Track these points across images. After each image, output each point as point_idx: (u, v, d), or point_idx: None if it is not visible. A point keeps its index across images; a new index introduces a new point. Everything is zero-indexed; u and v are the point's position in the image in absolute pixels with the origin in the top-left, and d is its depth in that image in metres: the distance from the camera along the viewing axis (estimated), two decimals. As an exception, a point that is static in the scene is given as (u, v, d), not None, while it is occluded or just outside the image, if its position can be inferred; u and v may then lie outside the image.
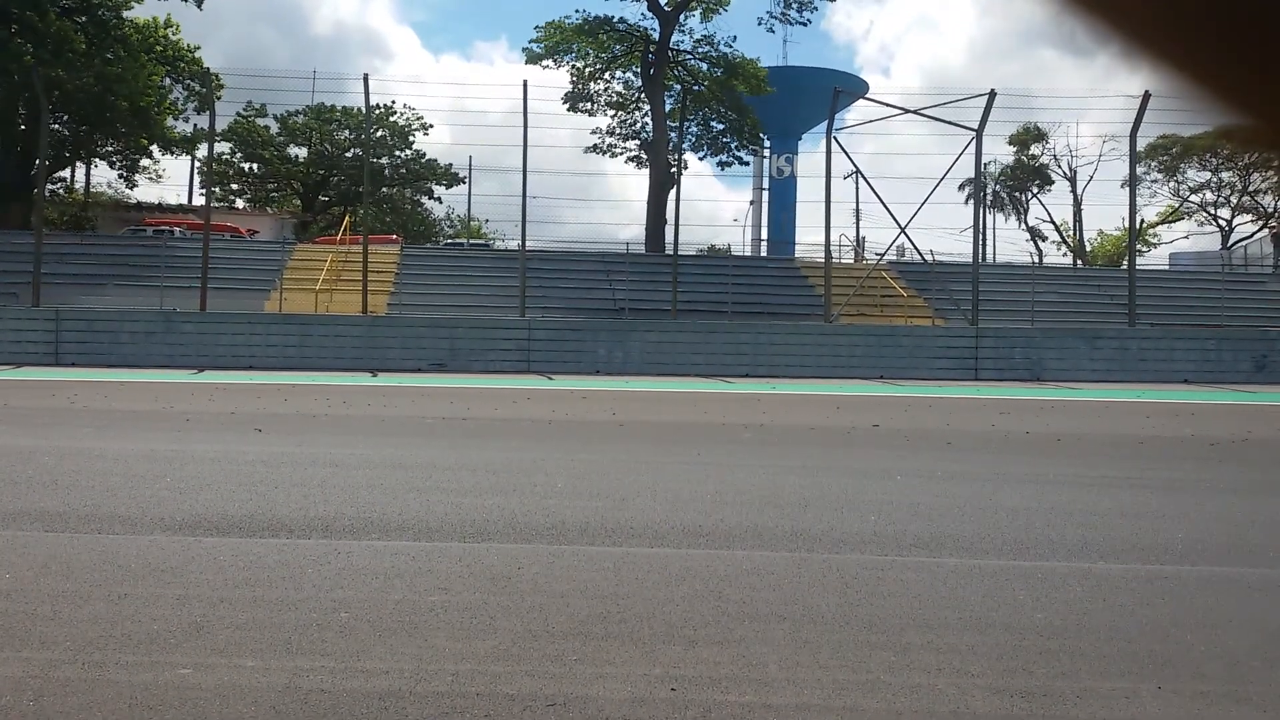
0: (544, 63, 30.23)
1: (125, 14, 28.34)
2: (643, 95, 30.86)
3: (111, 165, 33.05)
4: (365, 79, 19.95)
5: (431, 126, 39.91)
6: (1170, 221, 43.62)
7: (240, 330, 17.97)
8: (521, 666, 2.42)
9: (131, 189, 35.74)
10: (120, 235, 28.11)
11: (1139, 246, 30.42)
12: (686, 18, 30.12)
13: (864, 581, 3.32)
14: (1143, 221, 41.90)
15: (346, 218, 30.72)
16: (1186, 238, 44.29)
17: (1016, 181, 44.38)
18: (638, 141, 32.21)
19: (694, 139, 32.11)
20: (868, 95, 31.74)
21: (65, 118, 28.69)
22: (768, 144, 43.49)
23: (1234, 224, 40.91)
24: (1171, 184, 41.05)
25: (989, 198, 43.88)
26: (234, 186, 41.14)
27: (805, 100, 46.23)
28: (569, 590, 3.13)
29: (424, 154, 40.51)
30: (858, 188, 42.71)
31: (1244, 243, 39.29)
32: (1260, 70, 0.43)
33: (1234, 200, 40.29)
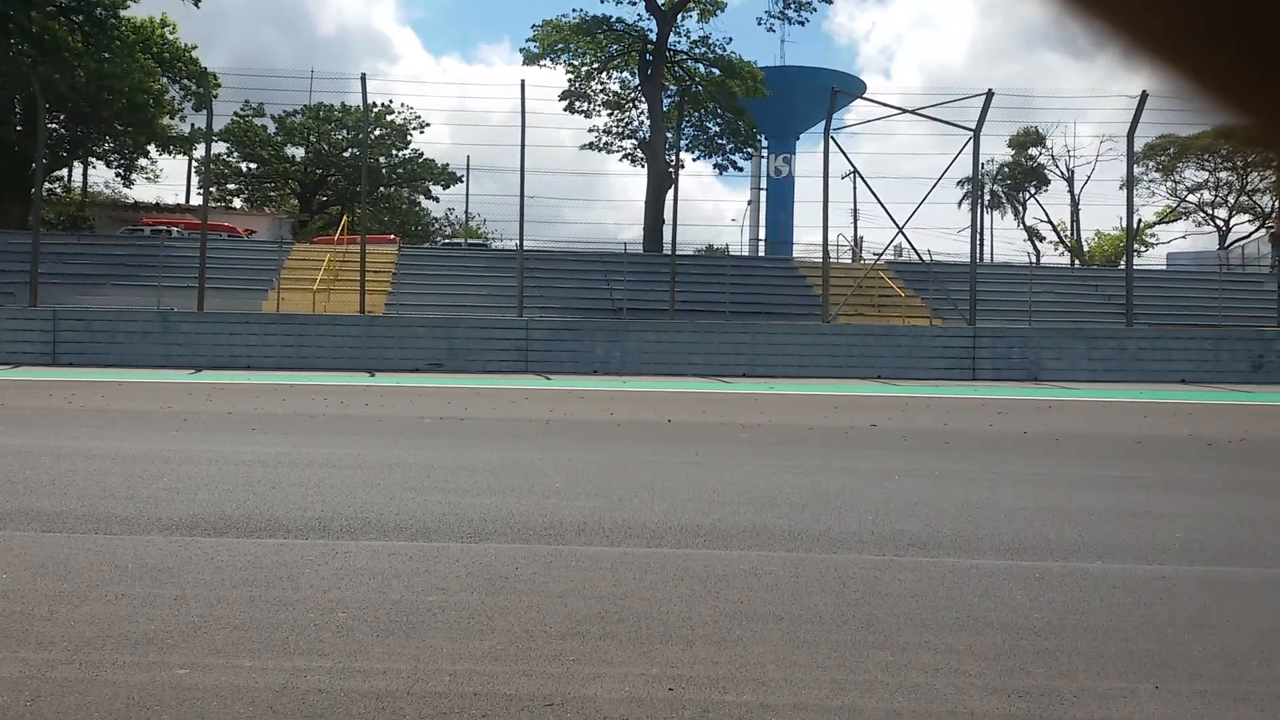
0: (542, 63, 30.23)
1: (121, 13, 28.30)
2: (640, 95, 30.87)
3: (109, 165, 33.01)
4: (363, 78, 19.95)
5: (429, 126, 39.88)
6: (1168, 221, 43.67)
7: (238, 330, 17.95)
8: (519, 667, 2.42)
9: (129, 187, 35.71)
10: (117, 235, 28.08)
11: (1136, 246, 30.45)
12: (684, 18, 30.13)
13: (861, 581, 3.32)
14: (1140, 221, 41.96)
15: (344, 217, 30.71)
16: (1184, 238, 44.36)
17: (1014, 181, 44.44)
18: (634, 141, 32.22)
19: (689, 140, 32.12)
20: (865, 95, 31.80)
21: (62, 117, 28.65)
22: (765, 144, 43.52)
23: (1231, 224, 40.98)
24: (1169, 184, 41.12)
25: (987, 198, 43.93)
26: (231, 186, 41.11)
27: (803, 100, 46.23)
28: (567, 590, 3.13)
29: (421, 154, 40.49)
30: (855, 188, 42.72)
31: (1241, 243, 39.35)
32: (1260, 70, 0.43)
33: (1231, 200, 40.36)
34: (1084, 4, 0.45)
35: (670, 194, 23.82)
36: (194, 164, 28.07)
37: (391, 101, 39.08)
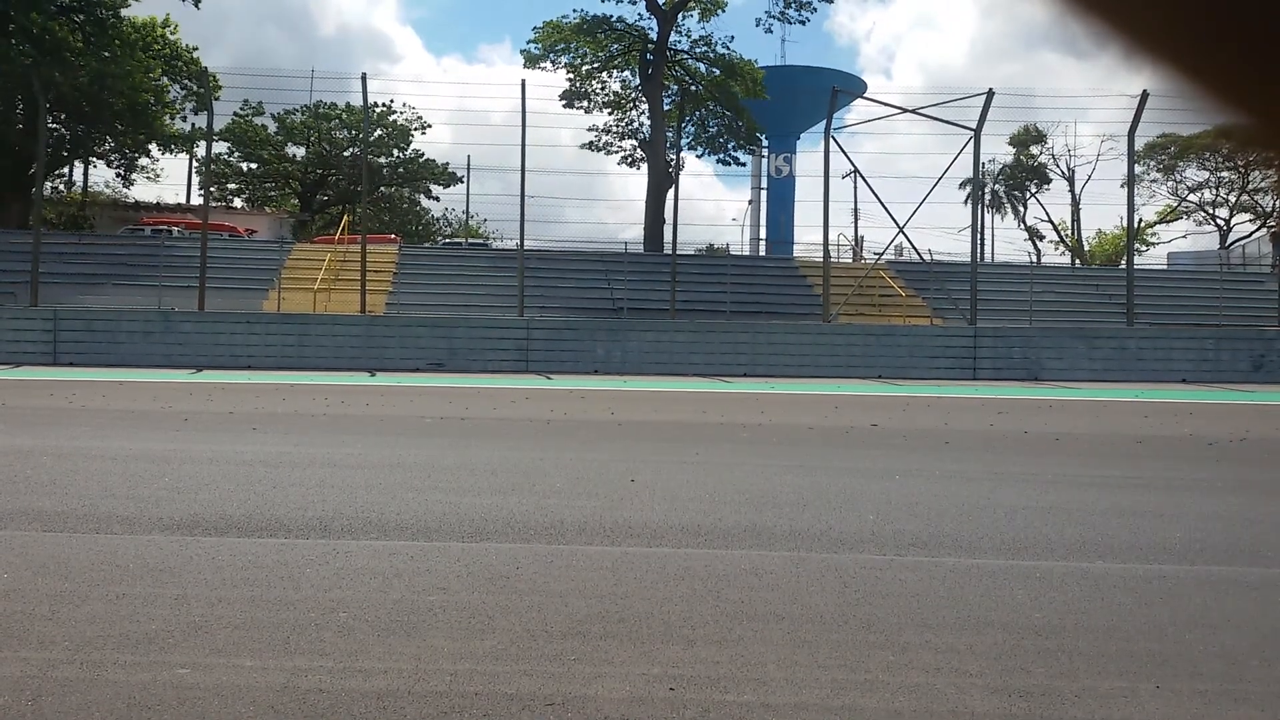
0: (542, 64, 30.26)
1: (122, 13, 28.31)
2: (640, 94, 30.88)
3: (109, 164, 33.02)
4: (363, 78, 19.95)
5: (430, 126, 39.90)
6: (1168, 221, 43.65)
7: (238, 330, 17.96)
8: (520, 666, 2.42)
9: (130, 186, 35.72)
10: (118, 234, 28.08)
11: (1137, 246, 30.44)
12: (684, 18, 30.14)
13: (862, 581, 3.32)
14: (1141, 221, 41.95)
15: (345, 217, 30.72)
16: (1185, 237, 44.35)
17: (1015, 181, 44.44)
18: (634, 141, 32.22)
19: (690, 138, 32.14)
20: (866, 95, 31.76)
21: (63, 117, 28.65)
22: (766, 143, 43.53)
23: (1232, 223, 40.97)
24: (1170, 183, 41.11)
25: (987, 197, 43.93)
26: (232, 186, 41.11)
27: (804, 100, 46.25)
28: (567, 590, 3.13)
29: (422, 153, 40.51)
30: (856, 187, 42.73)
31: (1242, 242, 39.35)
32: (1260, 70, 0.43)
33: (1232, 199, 40.34)
34: (1084, 4, 0.45)
35: (671, 193, 23.83)
36: (194, 163, 28.10)
37: (392, 101, 39.12)
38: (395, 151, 40.24)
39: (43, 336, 17.51)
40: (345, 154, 39.67)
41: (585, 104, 31.33)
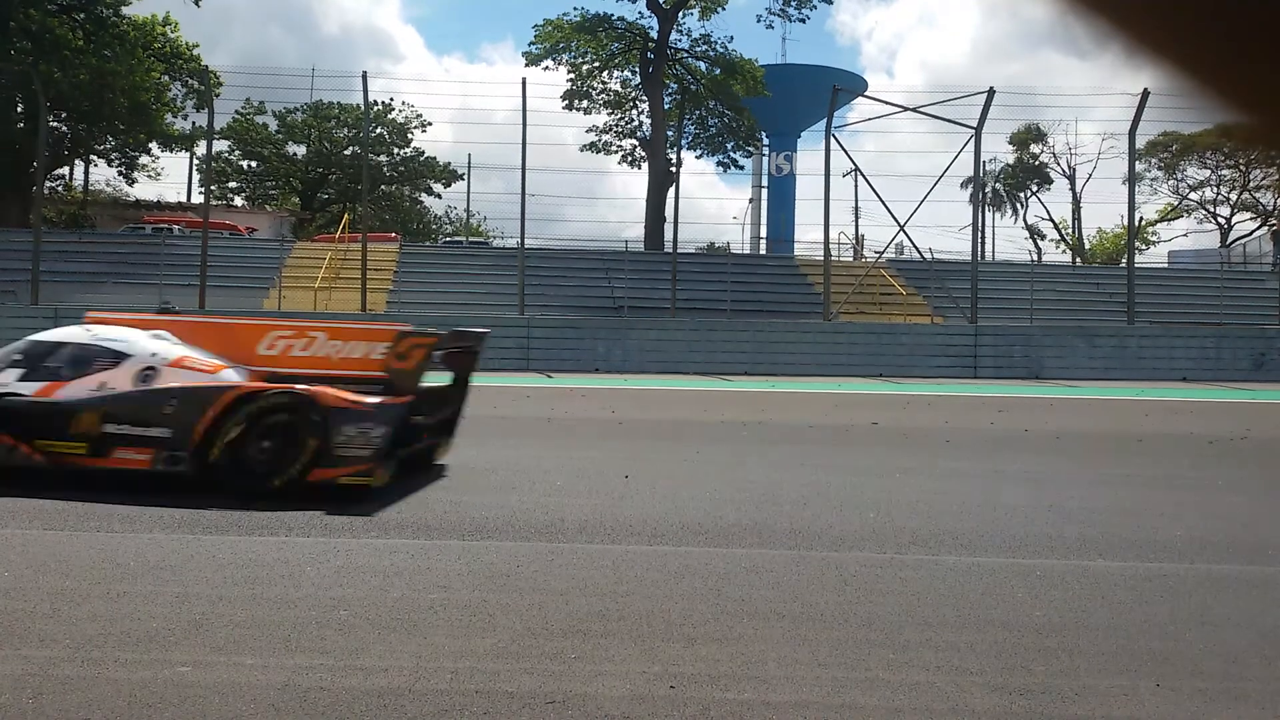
0: (544, 64, 30.24)
1: (124, 10, 28.30)
2: (641, 93, 30.86)
3: (110, 163, 32.99)
4: (364, 76, 19.95)
5: (430, 124, 39.89)
6: (1169, 219, 43.59)
7: (239, 328, 17.93)
8: (521, 664, 2.42)
9: (132, 185, 35.69)
10: (119, 233, 28.08)
11: (1138, 244, 30.44)
12: (685, 16, 30.12)
13: (863, 579, 3.32)
14: (1142, 219, 41.90)
15: (345, 215, 30.73)
16: (1185, 235, 44.30)
17: (1015, 180, 44.42)
18: (635, 141, 32.20)
19: (690, 138, 32.11)
20: (867, 93, 31.74)
21: (64, 115, 28.65)
22: (766, 142, 43.51)
23: (1233, 221, 40.91)
24: (1171, 181, 41.05)
25: (988, 196, 43.90)
26: (232, 184, 41.10)
27: (805, 98, 46.16)
28: (568, 588, 3.14)
29: (422, 152, 40.50)
30: (857, 186, 42.69)
31: (1243, 240, 39.28)
32: (1261, 69, 0.43)
33: (1233, 198, 40.31)
34: (1086, 4, 0.45)
35: (671, 192, 23.83)
36: (195, 162, 28.09)
37: (392, 100, 39.11)
38: (396, 150, 40.24)
39: (43, 335, 17.49)
40: (346, 152, 39.67)
41: (586, 104, 31.30)
